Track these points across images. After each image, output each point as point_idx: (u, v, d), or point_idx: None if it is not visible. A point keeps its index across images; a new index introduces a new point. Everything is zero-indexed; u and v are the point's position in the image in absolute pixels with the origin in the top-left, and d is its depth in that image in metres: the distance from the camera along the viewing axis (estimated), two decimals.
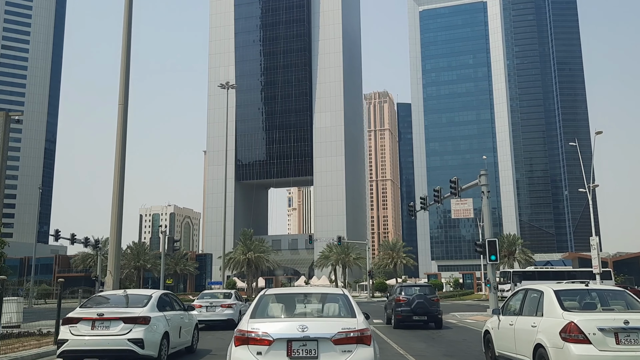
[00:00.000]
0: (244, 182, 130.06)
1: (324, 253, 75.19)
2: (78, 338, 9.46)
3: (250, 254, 69.61)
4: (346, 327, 6.27)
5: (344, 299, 7.05)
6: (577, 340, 6.93)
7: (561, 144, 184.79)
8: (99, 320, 9.48)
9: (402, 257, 73.32)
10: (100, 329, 9.42)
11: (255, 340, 6.20)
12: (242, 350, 6.23)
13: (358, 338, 6.22)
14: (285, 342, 6.15)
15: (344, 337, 6.15)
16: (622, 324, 6.88)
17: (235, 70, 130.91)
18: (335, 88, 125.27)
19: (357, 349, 6.15)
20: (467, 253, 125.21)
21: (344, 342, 6.13)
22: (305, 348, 6.11)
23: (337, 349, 6.09)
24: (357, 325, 6.37)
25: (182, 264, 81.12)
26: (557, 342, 7.17)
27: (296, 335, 6.17)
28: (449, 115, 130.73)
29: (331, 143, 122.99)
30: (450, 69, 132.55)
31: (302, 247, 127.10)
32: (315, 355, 6.08)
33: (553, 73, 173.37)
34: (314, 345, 6.11)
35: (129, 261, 66.60)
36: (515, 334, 8.55)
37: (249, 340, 6.25)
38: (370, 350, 6.26)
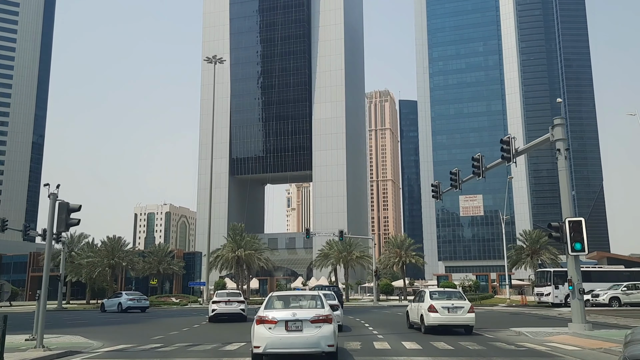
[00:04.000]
0: (239, 176, 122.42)
1: (323, 251, 67.37)
2: None
3: (240, 251, 61.86)
4: (318, 313, 11.34)
5: (318, 297, 12.29)
6: (433, 311, 17.12)
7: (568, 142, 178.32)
8: None
9: (410, 256, 65.50)
10: None
11: (267, 321, 11.16)
12: (260, 327, 11.19)
13: (325, 319, 11.23)
14: (284, 322, 11.14)
15: (317, 318, 11.19)
16: (450, 305, 17.32)
17: (230, 58, 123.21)
18: (336, 77, 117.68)
19: (324, 325, 11.17)
20: (477, 253, 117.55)
21: (317, 322, 11.17)
22: (295, 325, 11.13)
23: (313, 325, 11.13)
24: (325, 312, 11.41)
25: (165, 262, 73.24)
26: (426, 312, 17.65)
27: (290, 318, 11.18)
28: (458, 107, 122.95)
29: (331, 135, 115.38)
30: (458, 57, 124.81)
31: (300, 246, 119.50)
32: (300, 329, 11.11)
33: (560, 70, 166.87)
34: (300, 323, 11.14)
35: (102, 258, 58.66)
36: (414, 310, 19.60)
37: (264, 321, 11.19)
38: (331, 326, 11.29)
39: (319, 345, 10.97)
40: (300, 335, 10.95)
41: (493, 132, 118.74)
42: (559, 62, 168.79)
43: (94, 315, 36.27)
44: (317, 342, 10.95)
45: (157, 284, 76.93)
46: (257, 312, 11.45)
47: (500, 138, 21.46)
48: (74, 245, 68.30)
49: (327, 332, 11.03)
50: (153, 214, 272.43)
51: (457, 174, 27.15)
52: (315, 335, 10.97)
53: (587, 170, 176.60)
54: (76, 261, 62.15)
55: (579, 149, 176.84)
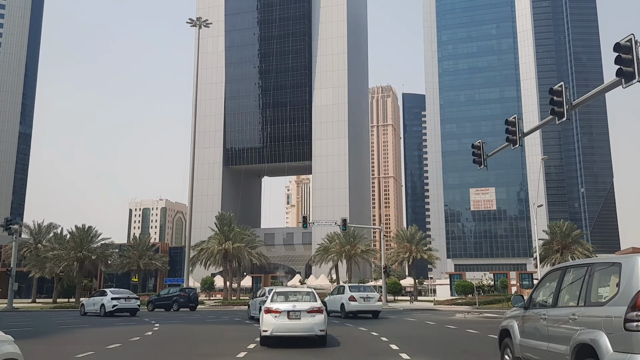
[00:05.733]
0: (234, 167, 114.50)
1: (323, 244, 59.45)
2: None
3: (228, 244, 53.97)
4: (313, 305, 14.21)
5: (312, 293, 15.40)
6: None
7: (577, 138, 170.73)
8: None
9: (422, 251, 57.61)
10: None
11: (273, 311, 13.97)
12: (268, 315, 13.93)
13: (317, 310, 14.10)
14: (286, 312, 13.96)
15: (312, 309, 14.06)
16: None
17: (225, 41, 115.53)
18: (339, 61, 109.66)
19: (317, 315, 14.04)
20: (489, 251, 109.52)
21: (311, 312, 14.03)
22: (295, 314, 13.96)
23: (308, 314, 13.99)
24: (317, 305, 14.31)
25: (147, 257, 65.47)
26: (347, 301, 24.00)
27: (291, 309, 14.04)
28: (468, 93, 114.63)
29: (333, 123, 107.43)
30: (469, 40, 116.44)
31: (298, 242, 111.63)
32: (299, 317, 13.96)
33: (569, 63, 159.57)
34: (299, 313, 13.98)
35: (68, 251, 50.82)
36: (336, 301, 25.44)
37: (271, 311, 13.98)
38: (322, 315, 14.15)
39: (313, 329, 14.10)
40: (299, 322, 14.04)
41: None
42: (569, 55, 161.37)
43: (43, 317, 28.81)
44: (312, 327, 14.07)
45: (139, 281, 69.30)
46: (265, 304, 14.50)
47: (616, 43, 13.59)
48: (42, 236, 60.69)
49: (320, 320, 14.11)
50: (148, 209, 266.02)
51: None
52: (311, 322, 14.05)
53: (597, 166, 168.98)
54: (42, 254, 54.42)
55: (588, 145, 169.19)
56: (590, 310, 6.11)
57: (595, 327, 5.82)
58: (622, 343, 5.40)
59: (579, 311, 6.29)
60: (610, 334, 5.58)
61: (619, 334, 5.46)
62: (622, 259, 5.98)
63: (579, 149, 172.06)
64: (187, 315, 29.63)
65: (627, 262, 5.80)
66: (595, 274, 6.43)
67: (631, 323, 5.32)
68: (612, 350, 5.51)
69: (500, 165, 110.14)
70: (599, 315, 5.85)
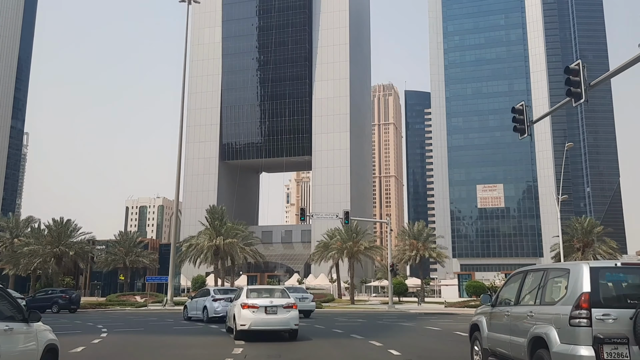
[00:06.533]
0: (231, 162, 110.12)
1: (322, 241, 54.95)
2: None
3: (220, 239, 49.43)
4: (288, 302, 15.16)
5: (283, 290, 16.50)
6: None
7: (583, 136, 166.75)
8: None
9: (430, 249, 53.12)
10: None
11: (251, 306, 14.74)
12: (246, 310, 14.72)
13: (291, 306, 15.05)
14: (264, 307, 14.77)
15: (287, 305, 14.99)
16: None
17: (222, 31, 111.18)
18: (340, 52, 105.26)
19: (291, 310, 14.96)
20: (497, 250, 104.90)
21: (286, 307, 14.93)
22: (272, 309, 14.79)
23: (284, 309, 14.87)
24: (292, 301, 15.27)
25: (133, 254, 60.95)
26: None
27: (268, 304, 14.87)
28: (476, 86, 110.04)
29: (334, 117, 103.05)
30: (477, 31, 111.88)
31: (297, 240, 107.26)
32: (276, 312, 14.80)
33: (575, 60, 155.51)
34: (276, 308, 14.83)
35: (44, 246, 46.35)
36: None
37: (249, 306, 14.76)
38: (296, 311, 15.20)
39: (289, 324, 14.96)
40: (276, 317, 14.83)
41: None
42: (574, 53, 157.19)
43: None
44: (288, 322, 14.93)
45: (127, 280, 64.73)
46: (240, 300, 15.16)
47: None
48: (20, 231, 56.29)
49: (294, 315, 15.03)
50: (145, 207, 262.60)
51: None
52: (286, 317, 14.89)
53: (603, 165, 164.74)
54: (18, 250, 50.00)
55: (593, 143, 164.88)
56: (544, 308, 7.12)
57: (547, 323, 6.81)
58: (567, 336, 6.40)
59: (535, 309, 7.32)
60: (558, 329, 6.57)
61: (565, 328, 6.43)
62: (571, 266, 6.92)
63: (584, 147, 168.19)
64: (63, 318, 25.35)
65: (574, 269, 6.77)
66: (549, 278, 7.41)
67: (574, 320, 6.30)
68: (559, 342, 6.50)
69: (509, 160, 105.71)
70: (551, 313, 6.84)
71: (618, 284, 6.67)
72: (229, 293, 22.70)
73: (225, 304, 21.16)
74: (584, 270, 6.47)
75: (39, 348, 7.21)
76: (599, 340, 6.09)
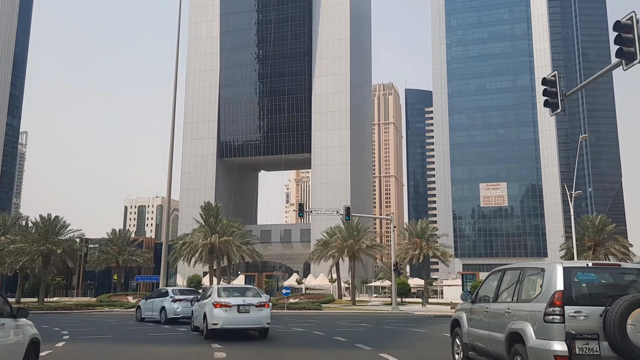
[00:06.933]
0: (229, 159, 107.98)
1: (322, 239, 52.82)
2: None
3: (215, 237, 47.27)
4: (260, 300, 15.40)
5: (254, 289, 16.87)
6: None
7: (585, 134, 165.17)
8: None
9: (434, 248, 51.00)
10: None
11: (224, 305, 14.83)
12: (218, 309, 14.78)
13: (264, 305, 15.24)
14: (237, 306, 14.93)
15: (259, 304, 15.20)
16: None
17: (220, 26, 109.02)
18: (340, 47, 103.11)
19: (263, 309, 15.19)
20: (500, 250, 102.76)
21: (259, 306, 15.15)
22: (245, 308, 14.95)
23: (256, 308, 15.09)
24: (264, 300, 15.52)
25: (126, 253, 58.86)
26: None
27: (241, 303, 15.04)
28: (479, 82, 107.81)
29: (334, 113, 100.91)
30: (480, 25, 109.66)
31: (296, 240, 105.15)
32: (248, 311, 14.97)
33: (577, 59, 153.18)
34: (249, 307, 15.00)
35: (30, 244, 44.16)
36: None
37: (222, 305, 14.83)
38: (268, 309, 15.52)
39: (261, 322, 15.11)
40: (248, 315, 14.97)
41: (520, 111, 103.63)
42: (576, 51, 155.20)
43: None
44: (260, 320, 15.06)
45: (121, 280, 62.69)
46: (211, 300, 15.26)
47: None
48: (7, 229, 54.10)
49: (266, 314, 15.30)
50: (144, 207, 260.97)
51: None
52: (259, 316, 15.08)
53: (605, 165, 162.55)
54: (4, 248, 47.74)
55: (595, 143, 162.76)
56: (520, 305, 7.49)
57: (524, 319, 7.18)
58: (542, 332, 6.77)
59: (513, 306, 7.67)
60: (534, 325, 6.94)
61: (540, 324, 6.81)
62: (546, 266, 7.29)
63: (586, 147, 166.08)
64: None
65: (549, 269, 7.17)
66: (526, 277, 7.79)
67: (549, 316, 6.68)
68: (535, 337, 6.87)
69: (513, 158, 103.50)
70: (527, 310, 7.20)
71: (589, 283, 7.00)
72: (190, 294, 22.60)
73: (185, 305, 21.17)
74: (557, 270, 6.84)
75: (25, 341, 7.81)
76: (571, 335, 6.44)
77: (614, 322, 6.34)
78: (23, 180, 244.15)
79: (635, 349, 6.30)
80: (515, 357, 7.15)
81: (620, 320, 6.32)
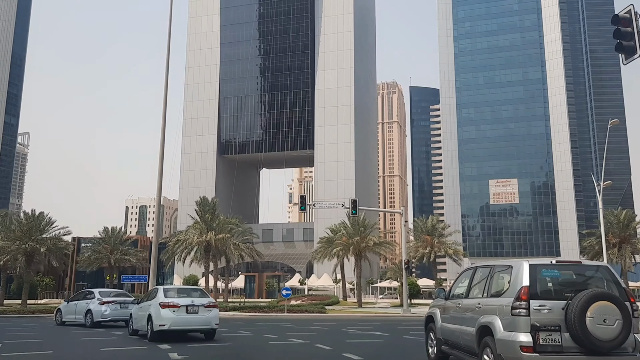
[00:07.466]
0: (229, 156, 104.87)
1: (325, 237, 49.48)
2: None
3: (211, 234, 43.99)
4: (209, 301, 15.22)
5: (200, 290, 16.41)
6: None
7: (593, 133, 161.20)
8: None
9: (446, 246, 47.63)
10: None
11: (172, 305, 14.39)
12: (165, 310, 14.31)
13: (213, 305, 15.11)
14: (185, 306, 14.50)
15: (208, 304, 14.94)
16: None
17: (220, 19, 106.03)
18: (344, 40, 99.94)
19: (212, 310, 14.94)
20: (510, 249, 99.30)
21: (208, 307, 14.87)
22: (193, 309, 14.55)
23: (205, 309, 14.77)
24: (212, 301, 15.30)
25: (119, 252, 55.68)
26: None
27: (190, 303, 14.63)
28: (488, 75, 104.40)
29: (338, 108, 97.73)
30: (489, 16, 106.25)
31: (299, 239, 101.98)
32: (197, 312, 14.61)
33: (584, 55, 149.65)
34: (197, 308, 14.64)
35: (12, 242, 41.01)
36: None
37: (169, 305, 14.38)
38: (216, 310, 15.31)
39: (210, 323, 14.87)
40: (197, 316, 14.63)
41: (530, 105, 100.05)
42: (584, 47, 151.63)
43: None
44: (209, 321, 14.84)
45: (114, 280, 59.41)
46: (157, 300, 14.69)
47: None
48: None
49: (215, 314, 15.06)
50: (145, 207, 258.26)
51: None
52: (208, 317, 14.79)
53: (613, 163, 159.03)
54: None
55: (603, 140, 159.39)
56: (490, 300, 7.92)
57: (493, 313, 7.62)
58: (509, 325, 7.22)
59: (483, 301, 8.10)
60: (502, 318, 7.38)
61: (507, 318, 7.25)
62: (513, 263, 7.76)
63: (594, 144, 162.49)
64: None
65: (516, 266, 7.62)
66: (495, 274, 8.22)
67: (515, 310, 7.13)
68: (503, 330, 7.30)
69: (524, 154, 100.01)
70: (496, 304, 7.66)
71: (553, 279, 7.46)
72: (119, 296, 21.55)
73: (114, 307, 20.33)
74: (524, 267, 7.36)
75: None
76: (536, 327, 6.95)
77: (575, 315, 6.78)
78: (25, 181, 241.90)
79: (594, 340, 6.71)
80: (485, 349, 7.52)
81: (581, 313, 6.76)
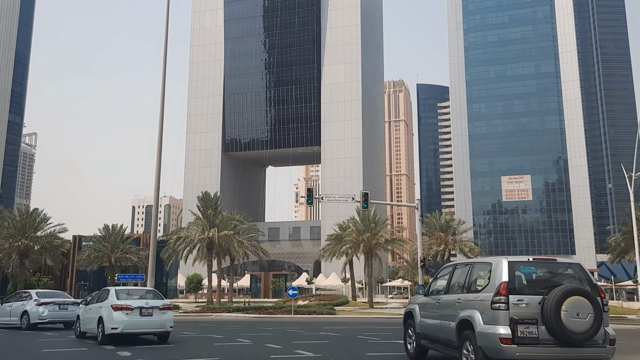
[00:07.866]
0: (234, 154, 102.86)
1: (334, 234, 47.20)
2: None
3: (213, 231, 41.83)
4: (164, 303, 14.63)
5: (154, 291, 15.73)
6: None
7: (604, 130, 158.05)
8: None
9: (462, 242, 45.25)
10: None
11: (125, 307, 13.79)
12: (118, 312, 13.70)
13: (168, 307, 14.52)
14: (139, 309, 13.90)
15: (163, 307, 14.37)
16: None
17: (224, 14, 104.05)
18: (351, 34, 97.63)
19: (167, 312, 14.37)
20: (524, 247, 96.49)
21: (163, 309, 14.29)
22: (147, 311, 13.99)
23: (160, 311, 14.18)
24: (167, 303, 14.79)
25: (120, 250, 53.67)
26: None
27: (144, 305, 14.04)
28: (499, 68, 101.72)
29: (345, 103, 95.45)
30: (500, 8, 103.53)
31: (306, 238, 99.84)
32: (151, 314, 14.05)
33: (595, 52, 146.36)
34: (151, 310, 14.07)
35: (5, 239, 39.03)
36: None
37: (122, 307, 13.78)
38: (171, 312, 14.72)
39: (165, 326, 14.26)
40: (151, 319, 14.08)
41: (544, 99, 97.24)
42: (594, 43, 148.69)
43: None
44: (163, 324, 14.23)
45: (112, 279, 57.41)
46: (109, 302, 14.11)
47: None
48: None
49: (170, 317, 14.45)
50: (152, 206, 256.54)
51: None
52: (162, 319, 14.19)
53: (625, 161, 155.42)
54: None
55: (614, 137, 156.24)
56: (470, 295, 8.34)
57: (473, 308, 8.04)
58: (489, 318, 7.68)
59: (463, 296, 8.52)
60: (482, 312, 7.82)
61: (487, 312, 7.72)
62: (493, 260, 8.27)
63: (605, 142, 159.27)
64: None
65: (495, 262, 8.13)
66: (474, 270, 8.70)
67: (495, 304, 7.61)
68: (483, 323, 7.74)
69: (537, 149, 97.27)
70: (476, 299, 8.07)
71: (530, 275, 8.04)
72: (58, 297, 20.71)
73: (53, 309, 19.43)
74: (503, 264, 7.86)
75: None
76: (514, 321, 7.48)
77: (551, 309, 7.34)
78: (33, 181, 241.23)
79: (569, 332, 7.30)
80: (465, 342, 8.01)
81: (556, 307, 7.32)
